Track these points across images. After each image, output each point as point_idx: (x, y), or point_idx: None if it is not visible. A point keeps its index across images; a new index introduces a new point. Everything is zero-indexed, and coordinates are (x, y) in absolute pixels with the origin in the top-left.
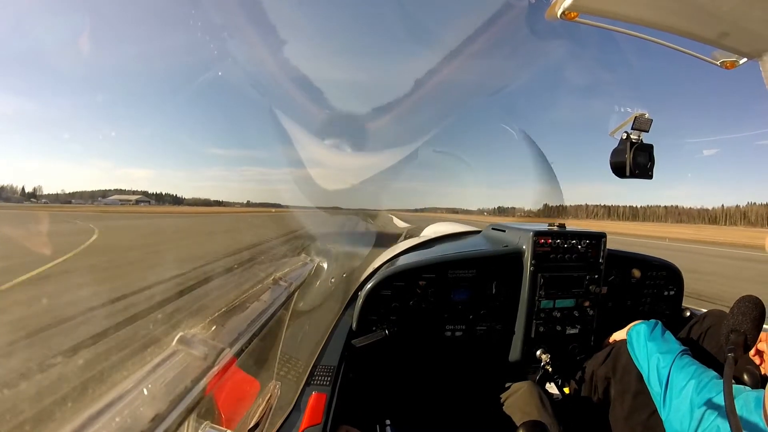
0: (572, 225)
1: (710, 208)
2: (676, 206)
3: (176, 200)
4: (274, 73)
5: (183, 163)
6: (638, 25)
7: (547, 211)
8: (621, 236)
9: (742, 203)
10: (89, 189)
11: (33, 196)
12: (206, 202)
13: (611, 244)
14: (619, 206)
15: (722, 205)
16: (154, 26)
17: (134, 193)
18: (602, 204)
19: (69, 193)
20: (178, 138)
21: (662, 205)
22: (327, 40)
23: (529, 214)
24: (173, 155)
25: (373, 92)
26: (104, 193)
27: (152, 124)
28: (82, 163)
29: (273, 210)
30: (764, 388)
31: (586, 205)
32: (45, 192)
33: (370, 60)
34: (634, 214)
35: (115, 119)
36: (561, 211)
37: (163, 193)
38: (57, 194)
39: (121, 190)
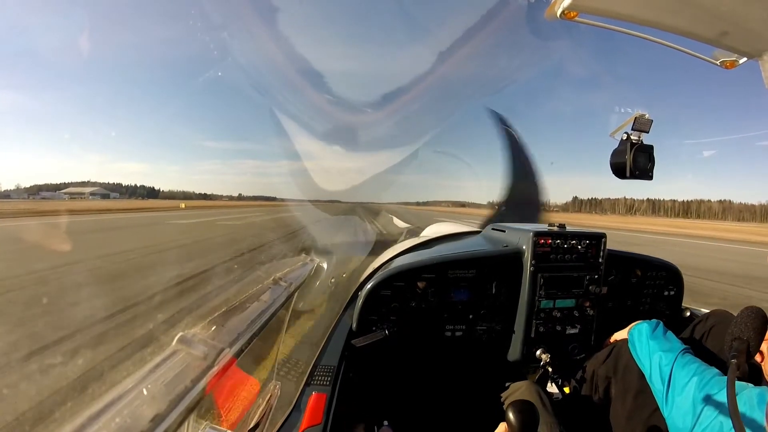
0: (615, 221)
1: None
2: (730, 201)
3: (151, 193)
4: (271, 63)
5: (178, 157)
6: (638, 25)
7: (578, 205)
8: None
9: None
10: (64, 182)
11: None
12: (187, 196)
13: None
14: (665, 200)
15: None
16: (147, 16)
17: (91, 185)
18: (645, 198)
19: (9, 190)
20: (173, 131)
21: (714, 199)
22: (327, 30)
23: (555, 209)
24: (169, 149)
25: (376, 84)
26: (58, 187)
27: (147, 117)
28: (78, 158)
29: (183, 204)
30: (765, 385)
31: (625, 199)
32: None
33: (374, 51)
34: (685, 209)
35: (110, 110)
36: (595, 205)
37: (137, 185)
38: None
39: (83, 182)
